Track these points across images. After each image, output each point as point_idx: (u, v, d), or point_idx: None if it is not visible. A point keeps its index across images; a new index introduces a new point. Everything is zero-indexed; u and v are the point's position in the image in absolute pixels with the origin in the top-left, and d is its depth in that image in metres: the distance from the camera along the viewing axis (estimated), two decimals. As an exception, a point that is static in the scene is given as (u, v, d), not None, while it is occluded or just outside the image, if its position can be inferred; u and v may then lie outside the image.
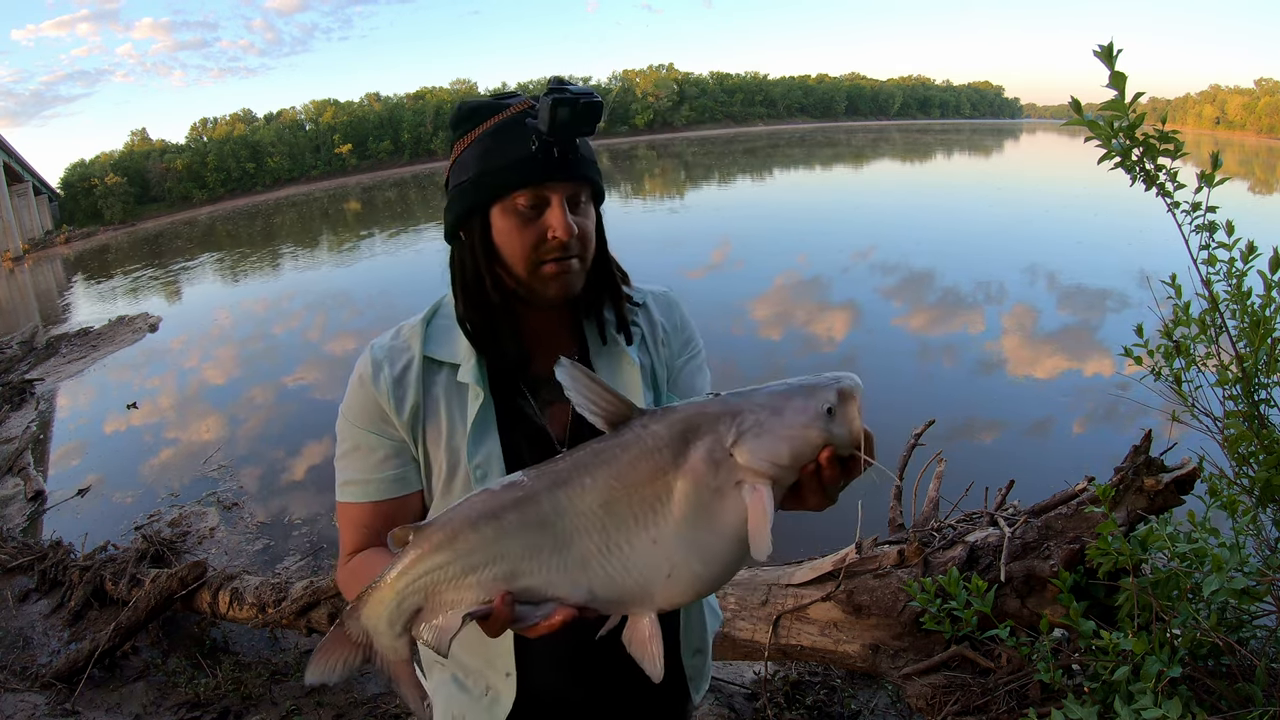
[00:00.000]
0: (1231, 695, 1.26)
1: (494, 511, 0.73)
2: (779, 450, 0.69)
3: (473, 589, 0.73)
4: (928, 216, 17.95)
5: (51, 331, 13.77)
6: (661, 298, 1.15)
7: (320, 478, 6.28)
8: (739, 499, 0.69)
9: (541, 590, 0.72)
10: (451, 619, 0.74)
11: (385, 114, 72.33)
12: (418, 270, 16.34)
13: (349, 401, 1.03)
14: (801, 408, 0.70)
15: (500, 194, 0.94)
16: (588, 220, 0.99)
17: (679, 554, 0.70)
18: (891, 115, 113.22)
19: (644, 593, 0.72)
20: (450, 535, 0.73)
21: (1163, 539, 1.39)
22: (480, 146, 0.95)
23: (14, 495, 6.37)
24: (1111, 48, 1.28)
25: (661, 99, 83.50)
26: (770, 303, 10.70)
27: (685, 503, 0.70)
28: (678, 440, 0.71)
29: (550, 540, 0.72)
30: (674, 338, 1.13)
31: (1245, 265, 1.50)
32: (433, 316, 1.05)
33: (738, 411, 0.71)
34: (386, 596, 0.77)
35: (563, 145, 0.92)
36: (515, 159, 0.93)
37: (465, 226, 0.98)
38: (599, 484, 0.71)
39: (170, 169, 57.31)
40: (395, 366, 1.00)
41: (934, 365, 7.93)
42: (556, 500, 0.72)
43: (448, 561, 0.73)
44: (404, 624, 0.77)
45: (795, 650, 2.22)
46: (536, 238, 0.94)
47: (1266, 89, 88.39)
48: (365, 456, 1.01)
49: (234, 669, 3.40)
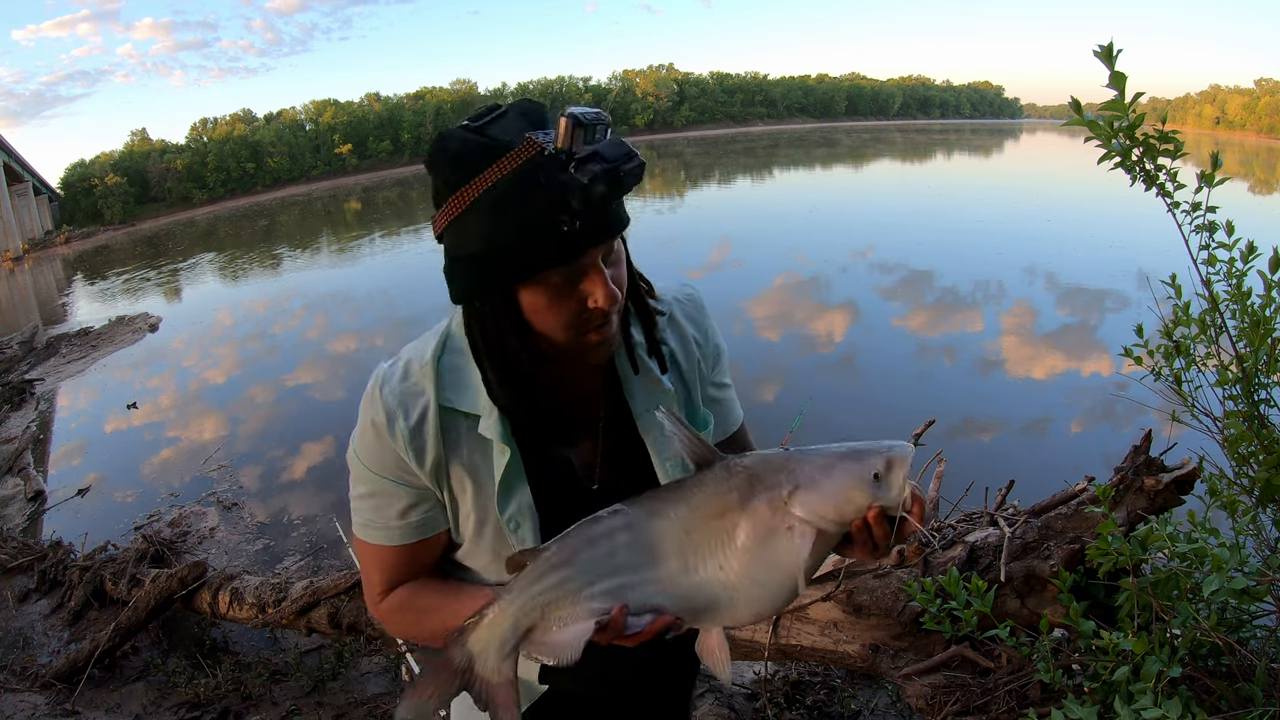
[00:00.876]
0: (1231, 695, 1.26)
1: (608, 533, 0.82)
2: (825, 505, 0.80)
3: (588, 602, 0.81)
4: (926, 216, 17.96)
5: (51, 331, 13.77)
6: (687, 302, 1.07)
7: (320, 477, 6.29)
8: (791, 541, 0.81)
9: (642, 602, 0.82)
10: (574, 630, 0.81)
11: (385, 114, 72.32)
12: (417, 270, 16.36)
13: (364, 447, 0.94)
14: (850, 470, 0.80)
15: (526, 278, 0.82)
16: (621, 266, 0.88)
17: (740, 580, 0.82)
18: (891, 115, 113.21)
19: (714, 610, 0.83)
20: (570, 554, 0.82)
21: (1163, 539, 1.39)
22: (483, 213, 0.80)
23: (14, 495, 6.37)
24: (1111, 48, 1.28)
25: (661, 99, 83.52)
26: (769, 302, 10.70)
27: (747, 539, 0.81)
28: (745, 486, 0.82)
29: (650, 559, 0.82)
30: (706, 347, 1.07)
31: (1245, 265, 1.50)
32: (442, 353, 0.93)
33: (796, 468, 0.82)
34: (502, 619, 0.82)
35: (599, 209, 0.79)
36: (540, 239, 0.79)
37: (481, 298, 0.86)
38: (682, 515, 0.82)
39: (170, 169, 57.30)
40: (410, 417, 0.90)
41: (934, 365, 7.93)
42: (655, 526, 0.83)
43: (569, 577, 0.81)
44: (514, 644, 0.82)
45: (795, 650, 2.22)
46: (576, 309, 0.85)
47: (1266, 89, 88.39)
48: (388, 503, 0.95)
49: (234, 669, 3.40)
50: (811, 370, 7.97)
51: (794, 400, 6.41)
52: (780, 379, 7.62)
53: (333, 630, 3.36)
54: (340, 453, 6.68)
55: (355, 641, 3.42)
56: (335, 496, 5.76)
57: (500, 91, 78.67)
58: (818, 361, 8.25)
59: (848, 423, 6.25)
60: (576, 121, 0.76)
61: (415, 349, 0.95)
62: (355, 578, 3.36)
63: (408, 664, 2.77)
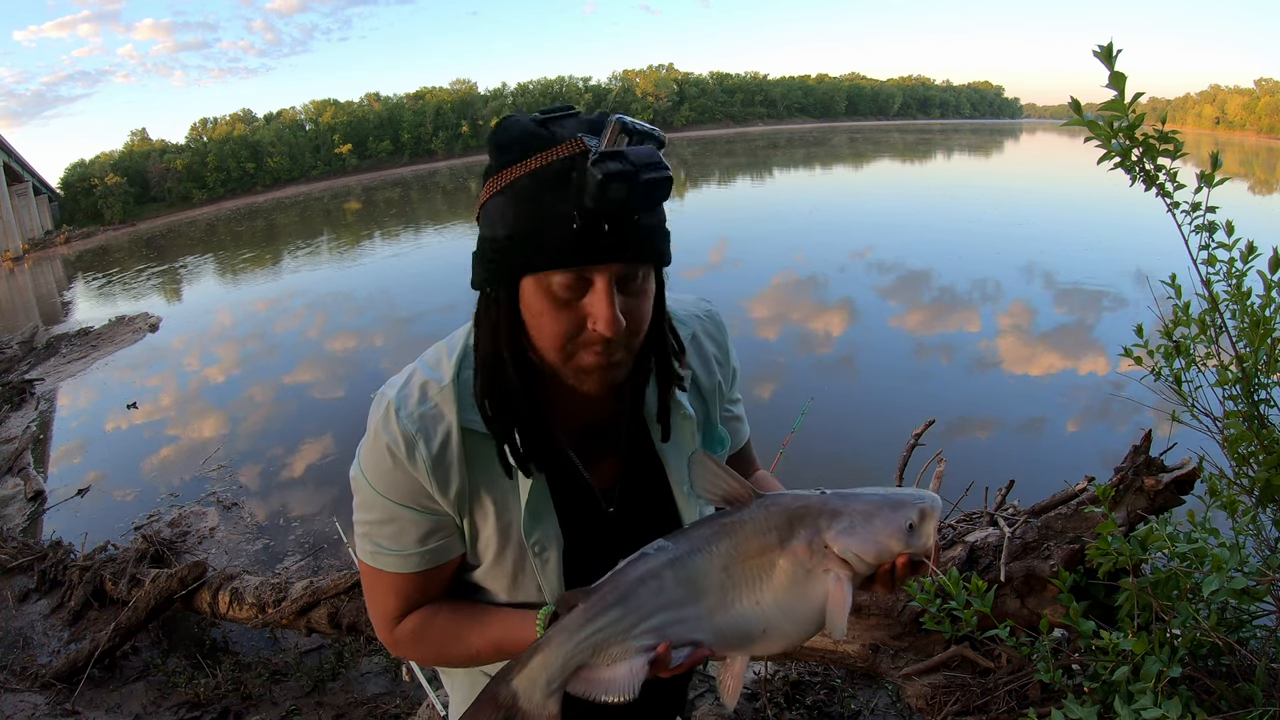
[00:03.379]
0: (1231, 695, 1.26)
1: (655, 571, 0.84)
2: (866, 550, 0.83)
3: (637, 639, 0.83)
4: (925, 216, 17.96)
5: (51, 331, 13.77)
6: (707, 320, 1.04)
7: (320, 477, 6.29)
8: (825, 582, 0.84)
9: (683, 636, 0.84)
10: (627, 667, 0.82)
11: (385, 114, 72.31)
12: (417, 269, 16.36)
13: (378, 474, 0.88)
14: (890, 519, 0.83)
15: (531, 271, 0.79)
16: (641, 301, 0.82)
17: (775, 616, 0.85)
18: (891, 115, 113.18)
19: (745, 642, 0.86)
20: (623, 594, 0.83)
21: (1163, 539, 1.39)
22: (515, 198, 0.78)
23: (14, 495, 6.37)
24: (1111, 48, 1.28)
25: (661, 99, 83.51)
26: (768, 302, 10.71)
27: (784, 577, 0.84)
28: (785, 526, 0.84)
29: (693, 595, 0.85)
30: (726, 368, 1.05)
31: (1245, 265, 1.50)
32: (459, 372, 0.89)
33: (837, 512, 0.84)
34: (552, 659, 0.83)
35: (616, 221, 0.75)
36: (552, 233, 0.76)
37: (491, 287, 0.84)
38: (723, 552, 0.85)
39: (170, 169, 57.25)
40: (432, 443, 0.86)
41: (931, 364, 7.93)
42: (697, 562, 0.85)
43: (622, 616, 0.83)
44: (561, 683, 0.83)
45: (796, 650, 2.22)
46: (573, 326, 0.80)
47: (1266, 89, 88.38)
48: (404, 531, 0.90)
49: (234, 669, 3.40)
50: (810, 370, 7.97)
51: (792, 399, 6.41)
52: (779, 378, 7.62)
53: (333, 630, 3.36)
54: (340, 452, 6.68)
55: (355, 641, 3.42)
56: (335, 496, 5.76)
57: (500, 91, 78.64)
58: (816, 361, 8.26)
59: (846, 421, 6.25)
60: (624, 127, 0.75)
61: (429, 367, 0.91)
62: (355, 578, 3.36)
63: (408, 664, 2.77)
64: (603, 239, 0.75)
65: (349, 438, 6.82)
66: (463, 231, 21.43)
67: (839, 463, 5.32)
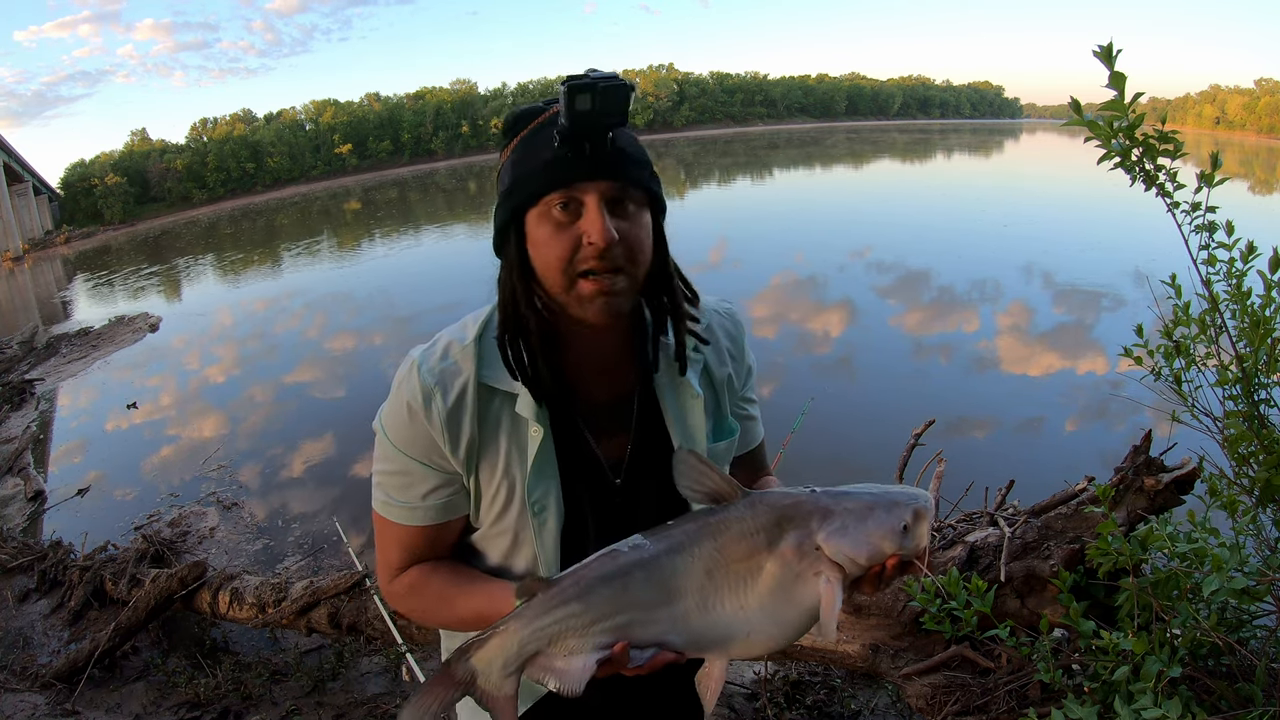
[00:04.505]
0: (1231, 695, 1.26)
1: (623, 570, 0.82)
2: (859, 551, 0.81)
3: (594, 636, 0.82)
4: (924, 216, 17.96)
5: (51, 331, 13.76)
6: (726, 317, 1.09)
7: (320, 477, 6.29)
8: (815, 585, 0.81)
9: (649, 638, 0.83)
10: (578, 663, 0.82)
11: (385, 114, 72.26)
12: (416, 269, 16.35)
13: (395, 425, 0.95)
14: (883, 520, 0.81)
15: (531, 200, 0.87)
16: (635, 227, 0.89)
17: (759, 621, 0.83)
18: (891, 115, 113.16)
19: (725, 646, 0.84)
20: (583, 590, 0.82)
21: (1163, 539, 1.39)
22: (516, 153, 0.90)
23: (14, 495, 6.37)
24: (1111, 48, 1.28)
25: (662, 99, 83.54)
26: (768, 301, 10.72)
27: (771, 581, 0.82)
28: (773, 527, 0.82)
29: (664, 597, 0.82)
30: (740, 364, 1.09)
31: (1245, 265, 1.50)
32: (483, 334, 0.96)
33: (829, 512, 0.82)
34: (509, 643, 0.83)
35: (593, 139, 0.85)
36: (543, 160, 0.86)
37: (505, 240, 0.92)
38: (705, 554, 0.82)
39: (170, 169, 57.21)
40: (448, 397, 0.92)
41: (930, 363, 7.94)
42: (673, 564, 0.83)
43: (580, 612, 0.82)
44: (517, 667, 0.84)
45: (795, 650, 2.22)
46: (571, 246, 0.86)
47: (1266, 89, 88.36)
48: (413, 484, 0.96)
49: (234, 669, 3.39)
50: (809, 369, 7.97)
51: (791, 399, 6.41)
52: (778, 378, 7.62)
53: (333, 630, 3.36)
54: (340, 452, 6.68)
55: (355, 641, 3.42)
56: (335, 495, 5.76)
57: (500, 91, 78.58)
58: (815, 361, 8.26)
59: (845, 421, 6.25)
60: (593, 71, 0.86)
61: (454, 330, 0.98)
62: (355, 578, 3.36)
63: (408, 664, 2.77)
64: (585, 158, 0.85)
65: (349, 437, 6.83)
66: (463, 231, 21.44)
67: (838, 463, 5.32)
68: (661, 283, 0.96)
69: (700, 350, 1.02)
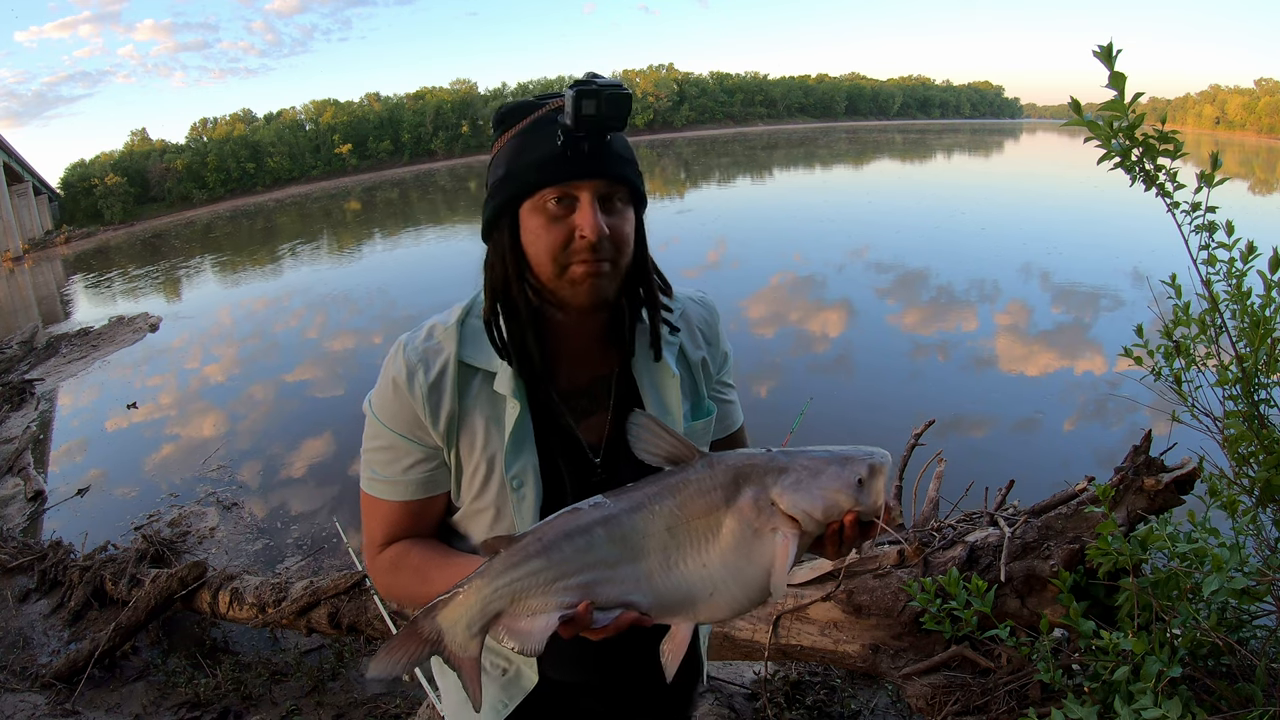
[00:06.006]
0: (1231, 695, 1.26)
1: (585, 527, 0.83)
2: (814, 506, 0.81)
3: (557, 595, 0.82)
4: (923, 216, 17.95)
5: (51, 331, 13.77)
6: (700, 305, 1.13)
7: (320, 476, 6.29)
8: (773, 541, 0.82)
9: (613, 598, 0.83)
10: (541, 622, 0.81)
11: (385, 114, 72.25)
12: (415, 268, 16.35)
13: (381, 402, 1.00)
14: (837, 474, 0.82)
15: (528, 192, 0.92)
16: (622, 222, 0.95)
17: (721, 578, 0.83)
18: (891, 115, 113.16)
19: (690, 606, 0.84)
20: (545, 546, 0.82)
21: (1163, 539, 1.39)
22: (512, 145, 0.94)
23: (14, 495, 6.37)
24: (1111, 48, 1.28)
25: (661, 99, 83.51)
26: (766, 301, 10.71)
27: (730, 537, 0.82)
28: (730, 484, 0.83)
29: (627, 555, 0.83)
30: (715, 349, 1.12)
31: (1245, 265, 1.50)
32: (466, 317, 1.02)
33: (784, 468, 0.83)
34: (471, 600, 0.83)
35: (592, 141, 0.89)
36: (543, 156, 0.90)
37: (496, 226, 0.96)
38: (666, 512, 0.83)
39: (170, 169, 57.19)
40: (430, 372, 0.97)
41: (929, 363, 7.93)
42: (635, 521, 0.83)
43: (542, 569, 0.82)
44: (481, 626, 0.84)
45: (795, 650, 2.22)
46: (564, 238, 0.91)
47: (1266, 89, 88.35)
48: (396, 459, 1.00)
49: (234, 669, 3.40)
50: (808, 369, 7.97)
51: (790, 398, 6.41)
52: (776, 377, 7.62)
53: (333, 630, 3.36)
54: (340, 451, 6.67)
55: (355, 641, 3.42)
56: (335, 495, 5.76)
57: (500, 91, 78.55)
58: (814, 360, 8.26)
59: (844, 421, 6.25)
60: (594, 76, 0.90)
61: (440, 316, 1.03)
62: (355, 578, 3.36)
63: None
64: (583, 159, 0.90)
65: (349, 437, 6.82)
66: (462, 231, 21.44)
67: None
68: (640, 273, 1.01)
69: (676, 335, 1.07)
